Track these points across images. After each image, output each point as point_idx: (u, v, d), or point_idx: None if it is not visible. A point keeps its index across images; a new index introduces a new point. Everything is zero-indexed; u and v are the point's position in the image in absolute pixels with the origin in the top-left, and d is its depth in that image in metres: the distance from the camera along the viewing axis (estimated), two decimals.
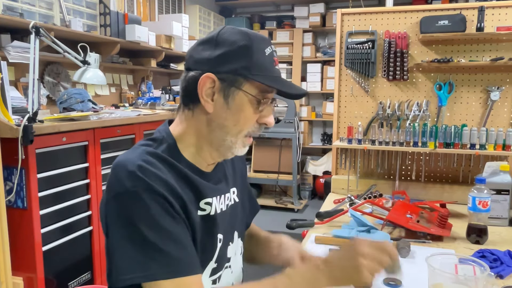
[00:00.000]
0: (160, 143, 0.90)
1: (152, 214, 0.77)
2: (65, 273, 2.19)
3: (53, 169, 2.09)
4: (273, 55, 0.89)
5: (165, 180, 0.81)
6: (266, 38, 0.91)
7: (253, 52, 0.86)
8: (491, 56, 2.03)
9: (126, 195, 0.78)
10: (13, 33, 2.50)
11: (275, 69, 0.89)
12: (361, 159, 2.17)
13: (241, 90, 0.86)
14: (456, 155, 2.02)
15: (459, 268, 0.99)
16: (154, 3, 4.35)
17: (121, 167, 0.81)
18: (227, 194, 1.00)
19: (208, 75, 0.85)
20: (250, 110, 0.88)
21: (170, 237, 0.77)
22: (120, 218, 0.78)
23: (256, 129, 0.91)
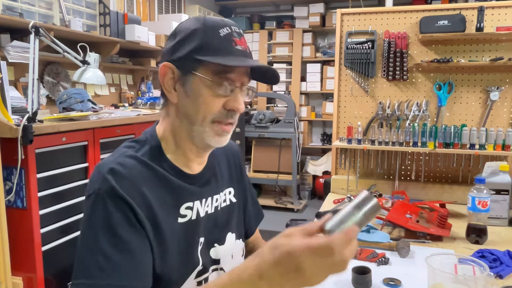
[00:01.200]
0: (142, 145, 0.88)
1: (110, 220, 0.75)
2: (65, 273, 2.19)
3: (52, 169, 2.09)
4: (232, 35, 0.84)
5: (135, 186, 0.79)
6: (224, 20, 0.87)
7: (205, 34, 0.83)
8: (491, 56, 2.03)
9: (92, 197, 0.78)
10: (12, 33, 2.50)
11: (233, 48, 0.84)
12: (360, 159, 2.17)
13: (196, 74, 0.83)
14: (455, 155, 2.02)
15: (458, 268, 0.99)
16: (154, 3, 4.35)
17: (96, 169, 0.81)
18: (216, 196, 0.97)
19: (165, 64, 0.86)
20: (208, 94, 0.83)
21: (123, 247, 0.75)
22: (84, 218, 0.79)
23: (223, 115, 0.85)
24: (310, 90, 5.38)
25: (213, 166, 0.99)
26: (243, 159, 1.26)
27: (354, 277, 1.13)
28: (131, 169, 0.81)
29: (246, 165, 5.12)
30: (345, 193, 2.10)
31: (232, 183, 1.04)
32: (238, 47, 0.84)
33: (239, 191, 1.06)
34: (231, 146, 1.09)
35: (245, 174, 1.13)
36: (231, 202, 1.02)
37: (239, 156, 1.12)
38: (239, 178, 1.09)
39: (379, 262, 1.27)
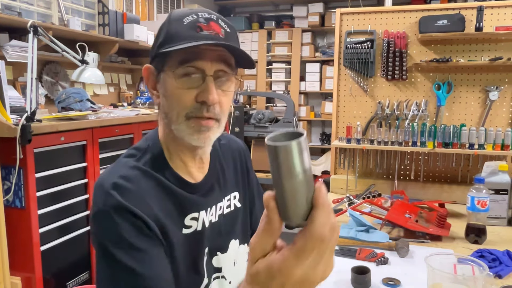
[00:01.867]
0: (144, 153, 0.84)
1: (122, 234, 0.72)
2: (63, 273, 2.19)
3: (51, 168, 2.09)
4: (198, 21, 0.78)
5: (141, 198, 0.76)
6: (193, 9, 0.81)
7: (168, 26, 0.79)
8: (490, 56, 2.03)
9: (99, 215, 0.75)
10: (11, 32, 2.49)
11: (198, 35, 0.76)
12: (360, 158, 2.17)
13: (164, 70, 0.80)
14: (455, 155, 2.02)
15: (458, 268, 0.99)
16: (153, 2, 4.35)
17: (98, 186, 0.78)
18: (220, 204, 0.93)
19: (145, 66, 0.84)
20: (176, 87, 0.78)
21: (144, 257, 0.72)
22: (96, 238, 0.75)
23: (196, 109, 0.79)
24: (309, 90, 5.38)
25: (216, 171, 0.94)
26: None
27: (353, 277, 1.13)
28: (134, 181, 0.78)
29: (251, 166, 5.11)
30: (344, 193, 2.10)
31: (237, 187, 0.99)
32: (204, 32, 0.77)
33: (244, 195, 1.01)
34: (238, 147, 1.05)
35: (252, 176, 1.07)
36: (236, 208, 0.97)
37: (247, 157, 1.07)
38: (246, 181, 1.04)
39: (378, 262, 1.26)
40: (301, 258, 0.44)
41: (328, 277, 0.49)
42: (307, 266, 0.44)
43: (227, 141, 1.03)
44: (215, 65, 0.78)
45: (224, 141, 1.02)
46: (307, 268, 0.44)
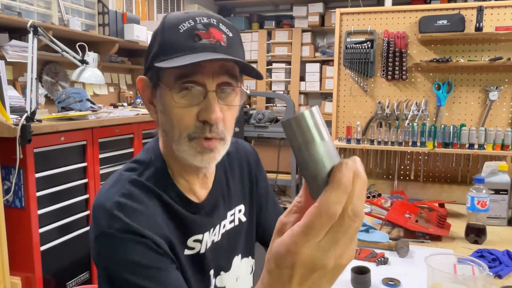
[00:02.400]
0: (146, 167, 0.77)
1: (133, 256, 0.66)
2: (63, 273, 2.19)
3: (51, 168, 2.09)
4: (196, 28, 0.69)
5: (149, 216, 0.71)
6: (189, 13, 0.72)
7: (162, 35, 0.71)
8: (490, 56, 2.03)
9: (102, 238, 0.68)
10: (11, 32, 2.49)
11: (196, 45, 0.68)
12: (360, 158, 2.17)
13: (161, 85, 0.72)
14: (454, 155, 2.02)
15: (458, 268, 0.99)
16: (153, 2, 4.35)
17: (99, 206, 0.71)
18: (224, 222, 0.86)
19: (139, 78, 0.77)
20: (175, 105, 0.70)
21: (160, 275, 0.67)
22: (100, 264, 0.69)
23: (199, 129, 0.71)
24: (309, 90, 5.38)
25: (221, 185, 0.87)
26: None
27: (353, 277, 1.13)
28: (139, 199, 0.71)
29: (263, 173, 5.10)
30: None
31: (243, 199, 0.92)
32: (203, 41, 0.68)
33: (251, 207, 0.94)
34: (246, 153, 0.97)
35: (262, 182, 0.99)
36: (240, 222, 0.90)
37: (257, 163, 0.99)
38: (254, 189, 0.96)
39: (378, 262, 1.26)
40: (308, 236, 0.38)
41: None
42: (316, 246, 0.39)
43: (235, 148, 0.95)
44: (217, 78, 0.70)
45: (232, 148, 0.89)
46: (316, 248, 0.39)
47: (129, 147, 2.69)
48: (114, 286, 0.67)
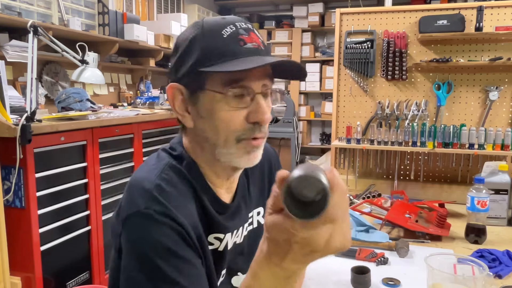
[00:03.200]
0: (180, 159, 0.77)
1: (167, 242, 0.65)
2: (63, 273, 2.19)
3: (51, 168, 2.09)
4: (238, 33, 0.71)
5: (185, 204, 0.71)
6: (226, 18, 0.74)
7: (205, 40, 0.71)
8: (490, 56, 2.03)
9: (138, 217, 0.67)
10: (11, 32, 2.50)
11: (241, 49, 0.70)
12: (359, 158, 2.17)
13: (205, 90, 0.72)
14: (454, 155, 2.02)
15: (457, 268, 0.99)
16: (153, 2, 4.35)
17: (136, 185, 0.71)
18: (246, 224, 0.87)
19: (171, 85, 0.75)
20: (224, 110, 0.71)
21: (189, 269, 0.66)
22: (131, 244, 0.67)
23: (248, 131, 0.73)
24: (309, 90, 5.38)
25: (243, 188, 0.88)
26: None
27: (353, 277, 1.13)
28: (177, 185, 0.72)
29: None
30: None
31: (262, 202, 0.91)
32: (248, 45, 0.71)
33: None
34: (269, 157, 0.97)
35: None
36: (259, 224, 0.91)
37: (276, 165, 0.99)
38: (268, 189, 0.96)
39: (378, 262, 1.26)
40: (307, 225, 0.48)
41: (328, 276, 0.53)
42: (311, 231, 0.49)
43: None
44: (261, 80, 0.72)
45: None
46: (311, 233, 0.49)
47: (129, 147, 2.69)
48: (142, 269, 0.65)
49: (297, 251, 0.51)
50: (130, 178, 0.74)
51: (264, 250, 0.55)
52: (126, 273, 0.67)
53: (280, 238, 0.51)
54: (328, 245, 0.50)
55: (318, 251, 0.50)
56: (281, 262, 0.53)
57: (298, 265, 0.53)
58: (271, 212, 0.52)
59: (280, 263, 0.53)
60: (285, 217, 0.50)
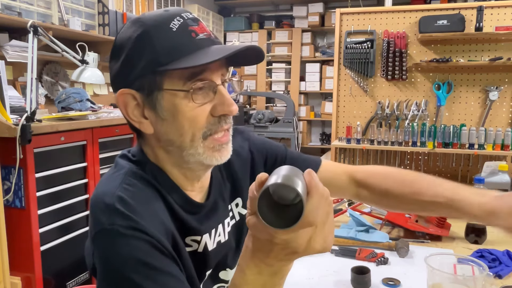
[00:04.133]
0: (142, 164, 0.72)
1: (138, 255, 0.61)
2: (63, 273, 2.19)
3: (51, 168, 2.09)
4: (187, 24, 0.67)
5: (152, 211, 0.66)
6: (169, 10, 0.69)
7: (153, 37, 0.66)
8: (490, 56, 2.03)
9: (103, 235, 0.63)
10: (11, 32, 2.49)
11: (195, 41, 0.67)
12: (359, 158, 2.17)
13: (163, 90, 0.67)
14: (454, 155, 2.02)
15: (457, 268, 0.99)
16: (153, 2, 4.35)
17: (97, 201, 0.66)
18: (227, 220, 0.83)
19: (121, 91, 0.69)
20: (188, 107, 0.67)
21: (163, 279, 0.62)
22: (102, 263, 0.63)
23: (214, 125, 0.69)
24: (309, 90, 5.38)
25: (219, 183, 0.83)
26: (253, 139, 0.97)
27: (353, 277, 1.13)
28: (141, 193, 0.67)
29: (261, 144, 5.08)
30: None
31: (239, 192, 0.87)
32: (200, 36, 0.67)
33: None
34: (240, 138, 0.92)
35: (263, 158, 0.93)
36: (241, 216, 0.87)
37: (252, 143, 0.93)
38: (248, 175, 0.90)
39: (378, 262, 1.26)
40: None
41: (328, 276, 0.55)
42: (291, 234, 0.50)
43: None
44: (220, 71, 0.70)
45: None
46: (291, 236, 0.50)
47: (129, 147, 2.68)
48: (118, 285, 0.62)
49: (279, 251, 0.52)
50: (92, 195, 0.69)
51: (249, 246, 0.56)
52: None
53: (262, 238, 0.52)
54: (308, 247, 0.51)
55: (299, 252, 0.52)
56: (265, 258, 0.54)
57: (282, 262, 0.55)
58: (251, 213, 0.53)
59: (264, 259, 0.54)
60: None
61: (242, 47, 0.66)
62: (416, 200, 0.89)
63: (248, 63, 0.76)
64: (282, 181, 0.47)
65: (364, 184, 0.95)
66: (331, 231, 0.53)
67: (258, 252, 0.55)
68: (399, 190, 0.90)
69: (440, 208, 0.89)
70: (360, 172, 0.96)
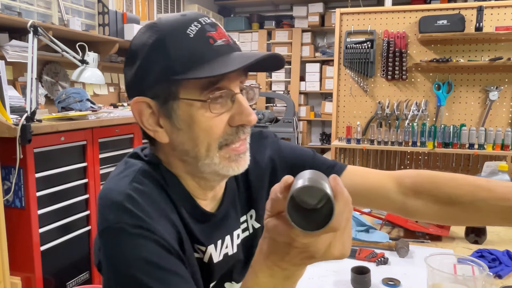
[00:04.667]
0: (155, 165, 0.71)
1: (144, 254, 0.60)
2: (63, 273, 2.19)
3: (51, 168, 2.09)
4: (205, 30, 0.64)
5: (161, 211, 0.65)
6: (187, 15, 0.66)
7: (168, 44, 0.63)
8: (490, 56, 2.03)
9: (110, 233, 0.61)
10: (11, 32, 2.49)
11: (213, 47, 0.64)
12: (359, 158, 2.17)
13: (179, 99, 0.64)
14: (454, 155, 2.02)
15: (457, 268, 0.99)
16: (153, 2, 4.35)
17: (105, 198, 0.64)
18: (238, 232, 0.79)
19: (136, 100, 0.67)
20: (205, 117, 0.64)
21: (170, 279, 0.61)
22: (109, 262, 0.62)
23: (232, 135, 0.67)
24: (309, 90, 5.38)
25: (233, 193, 0.80)
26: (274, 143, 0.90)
27: (353, 277, 1.13)
28: (151, 192, 0.66)
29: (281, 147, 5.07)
30: None
31: (253, 203, 0.83)
32: (219, 42, 0.64)
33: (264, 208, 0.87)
34: (263, 144, 0.86)
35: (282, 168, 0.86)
36: (254, 229, 0.83)
37: (276, 150, 0.86)
38: (266, 185, 0.85)
39: (378, 262, 1.26)
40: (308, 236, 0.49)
41: (328, 276, 0.53)
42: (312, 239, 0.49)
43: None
44: (239, 78, 0.67)
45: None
46: (311, 241, 0.49)
47: (129, 147, 2.69)
48: (124, 284, 0.60)
49: (296, 255, 0.51)
50: (100, 191, 0.67)
51: (264, 249, 0.54)
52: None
53: (280, 240, 0.51)
54: (327, 253, 0.50)
55: (316, 257, 0.51)
56: (279, 261, 0.53)
57: (296, 267, 0.54)
58: (270, 215, 0.51)
59: (278, 262, 0.53)
60: (286, 222, 0.49)
61: (264, 56, 0.63)
62: (502, 208, 0.72)
63: (268, 69, 0.73)
64: (311, 184, 0.46)
65: (418, 191, 0.80)
66: (349, 238, 0.52)
67: (272, 255, 0.53)
68: (477, 195, 0.74)
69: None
70: (408, 177, 0.82)
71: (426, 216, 0.82)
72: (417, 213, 0.81)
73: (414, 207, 0.80)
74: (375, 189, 0.83)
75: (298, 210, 0.48)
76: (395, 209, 0.84)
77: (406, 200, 0.81)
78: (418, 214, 0.81)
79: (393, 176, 0.83)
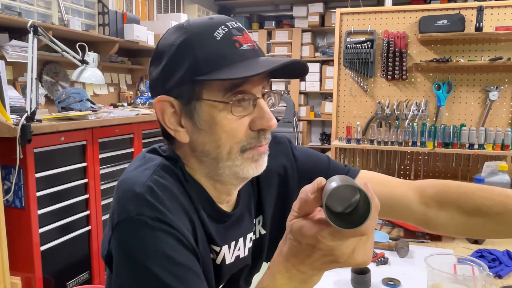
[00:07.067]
0: (174, 161, 0.70)
1: (162, 248, 0.60)
2: (63, 273, 2.19)
3: (51, 168, 2.09)
4: (232, 34, 0.65)
5: (181, 206, 0.65)
6: (215, 18, 0.67)
7: (196, 45, 0.64)
8: (490, 56, 2.03)
9: (129, 224, 0.61)
10: (11, 32, 2.50)
11: (239, 51, 0.65)
12: (359, 158, 2.17)
13: (202, 100, 0.65)
14: (454, 155, 2.02)
15: (457, 268, 0.99)
16: (153, 2, 4.35)
17: (126, 188, 0.64)
18: (249, 235, 0.79)
19: (159, 98, 0.67)
20: (227, 119, 0.65)
21: (183, 274, 0.60)
22: (124, 254, 0.61)
23: (253, 139, 0.67)
24: (309, 90, 5.38)
25: (248, 197, 0.80)
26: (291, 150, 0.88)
27: (353, 277, 1.13)
28: (172, 187, 0.66)
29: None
30: None
31: (262, 208, 0.83)
32: (244, 46, 0.65)
33: (280, 213, 0.84)
34: (278, 150, 0.85)
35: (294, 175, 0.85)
36: (260, 235, 0.83)
37: (284, 158, 0.85)
38: (274, 192, 0.84)
39: (378, 262, 1.26)
40: (335, 239, 0.49)
41: (328, 276, 0.53)
42: (338, 245, 0.49)
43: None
44: (261, 83, 0.67)
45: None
46: (337, 245, 0.49)
47: (129, 147, 2.69)
48: (136, 276, 0.59)
49: (318, 258, 0.51)
50: (118, 181, 0.67)
51: (284, 251, 0.55)
52: (117, 277, 0.62)
53: (304, 242, 0.51)
54: (350, 258, 0.50)
55: (339, 262, 0.51)
56: (299, 264, 0.53)
57: (315, 271, 0.54)
58: (297, 216, 0.52)
59: (297, 265, 0.53)
60: (314, 223, 0.50)
61: (287, 62, 0.63)
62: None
63: (290, 77, 0.72)
64: (351, 183, 0.47)
65: (442, 202, 0.78)
66: (371, 246, 0.52)
67: (293, 257, 0.54)
68: (509, 206, 0.71)
69: None
70: (430, 187, 0.80)
71: (450, 228, 0.79)
72: (441, 225, 0.78)
73: (437, 218, 0.78)
74: (395, 199, 0.81)
75: (334, 213, 0.49)
76: (416, 220, 0.81)
77: (428, 211, 0.79)
78: (441, 226, 0.78)
79: (415, 186, 0.82)
